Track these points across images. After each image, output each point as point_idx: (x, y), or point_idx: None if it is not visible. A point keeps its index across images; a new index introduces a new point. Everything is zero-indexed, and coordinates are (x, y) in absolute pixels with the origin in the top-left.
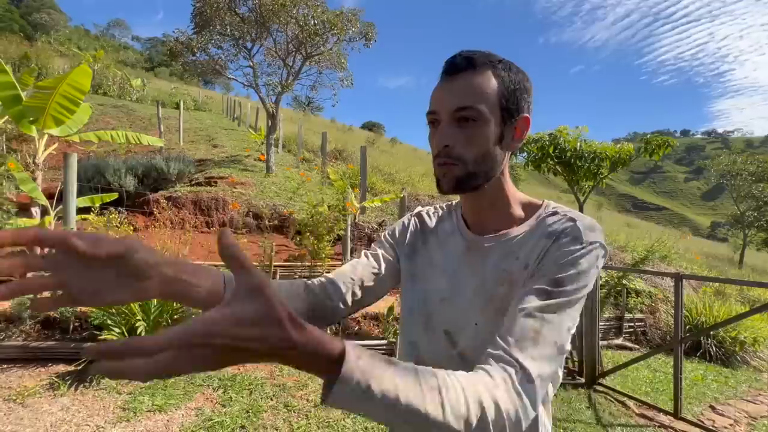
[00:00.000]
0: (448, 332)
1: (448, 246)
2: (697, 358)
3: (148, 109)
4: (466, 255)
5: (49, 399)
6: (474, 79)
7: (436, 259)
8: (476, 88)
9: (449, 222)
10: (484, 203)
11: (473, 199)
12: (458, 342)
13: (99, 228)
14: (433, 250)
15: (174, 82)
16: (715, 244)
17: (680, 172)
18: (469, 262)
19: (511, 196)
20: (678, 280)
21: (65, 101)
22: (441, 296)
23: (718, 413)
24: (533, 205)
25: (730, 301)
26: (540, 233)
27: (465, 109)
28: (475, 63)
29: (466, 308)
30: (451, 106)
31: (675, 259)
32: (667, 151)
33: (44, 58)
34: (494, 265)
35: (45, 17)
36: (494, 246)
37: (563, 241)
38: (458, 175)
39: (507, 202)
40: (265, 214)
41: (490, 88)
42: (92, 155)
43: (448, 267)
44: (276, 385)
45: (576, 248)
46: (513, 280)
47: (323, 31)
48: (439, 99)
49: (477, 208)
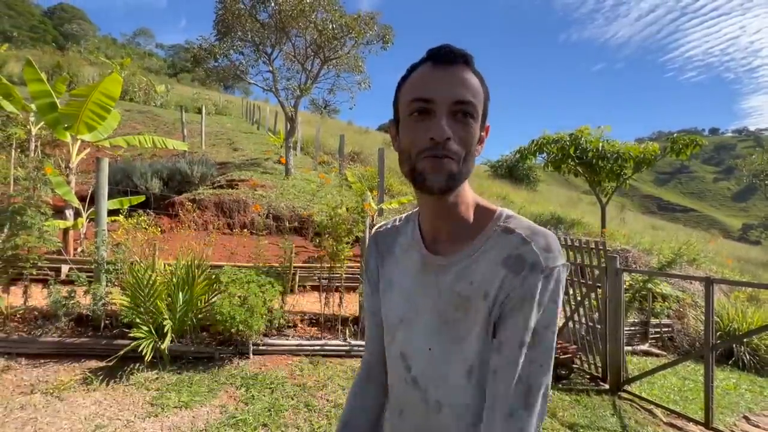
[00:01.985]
0: (404, 355)
1: (405, 263)
2: (729, 366)
3: (171, 114)
4: (420, 273)
5: (83, 393)
6: (469, 76)
7: (394, 279)
8: (472, 84)
9: (405, 235)
10: (445, 208)
11: (439, 203)
12: (412, 366)
13: (129, 230)
14: (390, 269)
15: (196, 88)
16: (747, 246)
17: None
18: (423, 282)
19: (470, 201)
20: (708, 285)
21: (97, 108)
22: (399, 317)
23: (753, 424)
24: (486, 213)
25: (766, 307)
26: (495, 257)
27: (465, 104)
28: (468, 60)
29: (420, 331)
30: (451, 98)
31: (704, 263)
32: (696, 150)
33: (75, 66)
34: (448, 287)
35: (76, 27)
36: (447, 266)
37: (523, 274)
38: (453, 172)
39: (466, 207)
40: (285, 216)
41: (481, 89)
42: (119, 159)
43: (405, 286)
44: (297, 384)
45: (538, 281)
46: (468, 307)
47: (341, 35)
48: (434, 87)
49: (437, 214)
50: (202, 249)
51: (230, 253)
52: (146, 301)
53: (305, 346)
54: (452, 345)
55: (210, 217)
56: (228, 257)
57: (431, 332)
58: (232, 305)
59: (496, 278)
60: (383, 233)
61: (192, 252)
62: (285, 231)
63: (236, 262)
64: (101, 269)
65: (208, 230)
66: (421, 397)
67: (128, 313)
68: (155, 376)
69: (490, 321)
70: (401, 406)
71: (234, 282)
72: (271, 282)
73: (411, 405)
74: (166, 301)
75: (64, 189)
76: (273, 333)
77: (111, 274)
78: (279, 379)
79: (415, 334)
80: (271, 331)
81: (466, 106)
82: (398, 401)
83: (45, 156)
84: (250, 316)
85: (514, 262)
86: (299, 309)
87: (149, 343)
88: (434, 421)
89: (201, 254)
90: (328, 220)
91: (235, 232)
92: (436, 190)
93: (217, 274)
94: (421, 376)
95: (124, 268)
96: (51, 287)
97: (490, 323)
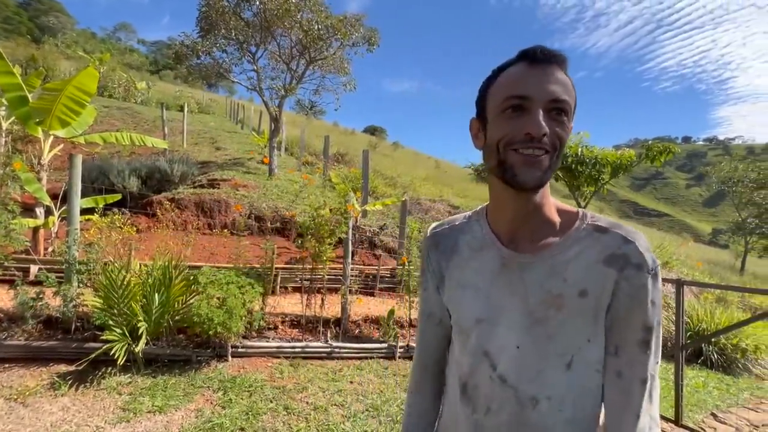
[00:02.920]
0: (488, 353)
1: (478, 263)
2: (698, 365)
3: (152, 112)
4: (501, 272)
5: (49, 399)
6: (563, 76)
7: (464, 279)
8: (568, 84)
9: (473, 235)
10: (531, 206)
11: (525, 200)
12: (498, 364)
13: (102, 229)
14: (459, 269)
15: (178, 85)
16: (716, 250)
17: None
18: (506, 281)
19: (552, 201)
20: (679, 286)
21: (71, 103)
22: (476, 317)
23: (720, 421)
24: (568, 213)
25: (732, 308)
26: (593, 256)
27: (561, 102)
28: (564, 61)
29: (505, 330)
30: (548, 96)
31: (676, 265)
32: (669, 157)
33: (51, 60)
34: (537, 285)
35: (53, 20)
36: (534, 263)
37: (630, 273)
38: (546, 167)
39: (549, 207)
40: (267, 217)
41: (573, 90)
42: (96, 157)
43: (482, 286)
44: (276, 387)
45: (647, 281)
46: (563, 304)
47: (327, 35)
48: (532, 84)
49: (520, 211)
50: (181, 249)
51: (210, 254)
52: (120, 302)
53: (286, 348)
54: (545, 342)
55: (189, 217)
56: (207, 258)
57: (519, 330)
58: (210, 307)
59: (598, 277)
60: (443, 233)
61: (170, 252)
62: (267, 231)
63: (216, 262)
64: (72, 269)
65: (187, 230)
66: (512, 393)
67: (101, 315)
68: (128, 380)
69: (596, 320)
70: (487, 404)
71: (213, 283)
72: (252, 283)
73: (500, 402)
74: (141, 303)
75: (34, 186)
76: (253, 335)
77: (83, 274)
78: (258, 382)
79: (499, 332)
80: (251, 333)
81: (562, 104)
82: (484, 399)
83: (16, 152)
84: (228, 318)
85: (619, 261)
86: (280, 310)
87: (122, 346)
88: (530, 415)
89: (179, 254)
90: (311, 221)
91: (215, 232)
92: (528, 184)
93: (195, 274)
94: (510, 374)
95: (97, 269)
96: (18, 288)
97: (597, 322)
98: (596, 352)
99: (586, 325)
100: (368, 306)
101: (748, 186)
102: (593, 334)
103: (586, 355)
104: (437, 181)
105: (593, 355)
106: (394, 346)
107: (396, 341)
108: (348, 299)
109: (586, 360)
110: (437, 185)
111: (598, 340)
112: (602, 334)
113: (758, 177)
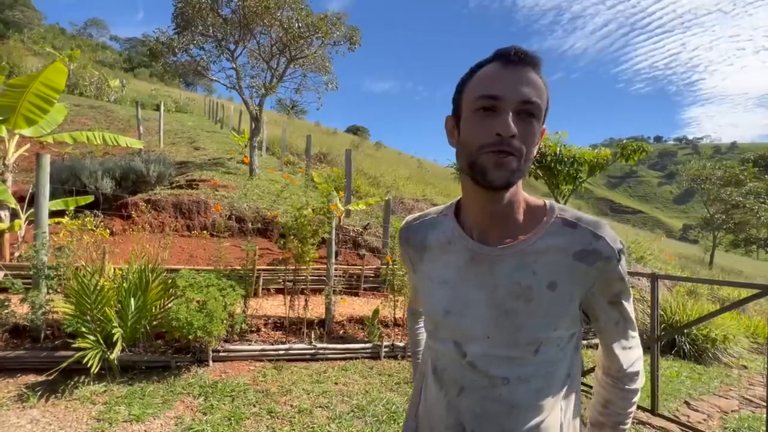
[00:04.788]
0: (457, 343)
1: (446, 257)
2: (671, 355)
3: (127, 111)
4: (470, 266)
5: (17, 411)
6: (536, 77)
7: (433, 273)
8: (539, 86)
9: (442, 230)
10: (501, 203)
11: (495, 198)
12: (467, 352)
13: (73, 232)
14: (429, 263)
15: (154, 84)
16: (686, 245)
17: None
18: (474, 273)
19: (522, 196)
20: (654, 280)
21: (38, 100)
22: (444, 309)
23: (693, 409)
24: (537, 206)
25: (702, 300)
26: (563, 250)
27: (532, 104)
28: (537, 62)
29: (474, 321)
30: (519, 97)
31: (650, 260)
32: (642, 156)
33: (16, 56)
34: (507, 277)
35: (18, 15)
36: (504, 256)
37: (601, 265)
38: (514, 168)
39: (519, 202)
40: (248, 218)
41: (545, 92)
42: (67, 157)
43: (450, 279)
44: (259, 391)
45: (617, 266)
46: (531, 296)
47: (307, 34)
48: (505, 85)
49: (489, 208)
50: (158, 252)
51: (189, 256)
52: (93, 308)
53: (269, 350)
54: (514, 332)
55: (167, 219)
56: (186, 260)
57: (488, 322)
58: (189, 310)
59: (568, 271)
60: (414, 228)
61: (146, 255)
62: (248, 232)
63: (195, 265)
64: (41, 275)
65: (164, 232)
66: (483, 376)
67: (72, 322)
68: (103, 389)
69: (565, 311)
70: (460, 385)
71: (192, 286)
72: (233, 285)
73: (470, 383)
74: (116, 308)
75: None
76: (235, 338)
77: (52, 280)
78: (240, 386)
79: (468, 324)
80: (233, 337)
81: (532, 106)
82: (455, 381)
83: None
84: (209, 322)
85: (590, 256)
86: (263, 313)
87: (96, 354)
88: (500, 392)
89: (156, 257)
90: (293, 221)
91: (194, 234)
92: (496, 185)
93: (173, 278)
94: (479, 360)
95: (68, 274)
96: None
97: (565, 313)
98: (561, 333)
99: (555, 316)
100: (353, 306)
101: (716, 183)
102: (561, 323)
103: (553, 338)
104: (420, 181)
105: (559, 335)
106: (379, 346)
107: (381, 341)
108: (332, 300)
109: (552, 341)
110: (420, 184)
111: (565, 325)
112: (569, 321)
113: (724, 174)
